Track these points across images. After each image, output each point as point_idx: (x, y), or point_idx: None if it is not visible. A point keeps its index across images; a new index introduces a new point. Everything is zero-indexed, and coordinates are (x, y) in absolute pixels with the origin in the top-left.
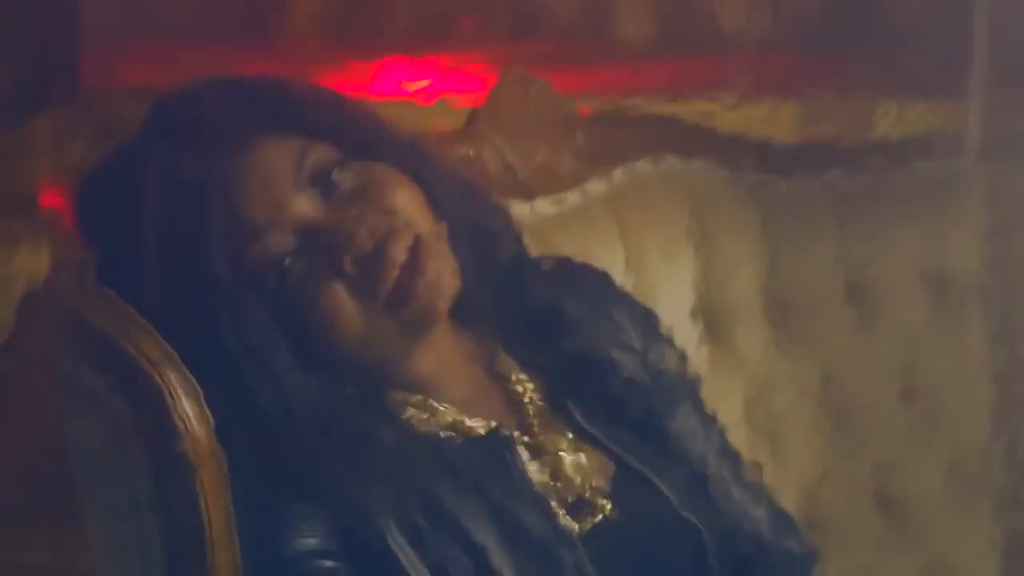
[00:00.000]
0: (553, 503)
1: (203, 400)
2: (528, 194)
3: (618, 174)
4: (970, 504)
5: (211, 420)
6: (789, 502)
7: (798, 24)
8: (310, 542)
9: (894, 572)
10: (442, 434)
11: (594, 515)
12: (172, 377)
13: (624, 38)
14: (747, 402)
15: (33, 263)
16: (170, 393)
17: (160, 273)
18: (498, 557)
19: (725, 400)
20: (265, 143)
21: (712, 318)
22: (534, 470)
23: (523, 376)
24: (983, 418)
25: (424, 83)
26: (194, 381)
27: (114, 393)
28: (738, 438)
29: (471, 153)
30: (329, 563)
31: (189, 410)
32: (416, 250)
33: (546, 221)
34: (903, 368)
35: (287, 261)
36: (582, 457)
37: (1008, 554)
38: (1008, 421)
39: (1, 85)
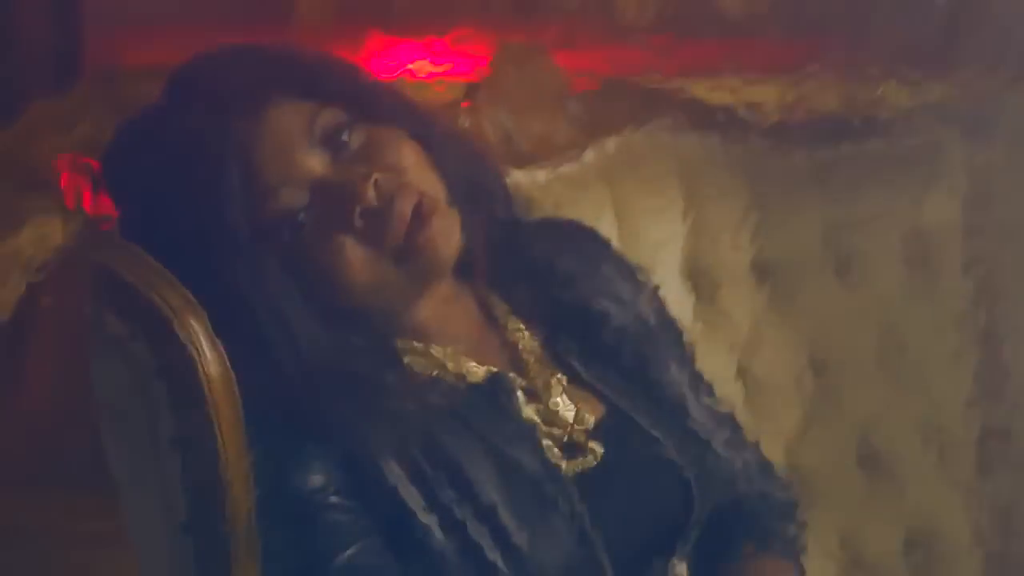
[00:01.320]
0: (547, 444)
1: (220, 344)
2: (525, 162)
3: (611, 143)
4: (950, 463)
5: (228, 362)
6: (773, 457)
7: (791, 6)
8: (318, 479)
9: (877, 527)
10: (443, 379)
11: (585, 456)
12: (191, 322)
13: (625, 21)
14: (733, 359)
15: (48, 235)
16: (189, 337)
17: (181, 228)
18: (495, 495)
19: (712, 356)
20: (279, 106)
21: (700, 279)
22: (530, 413)
23: (520, 325)
24: (962, 380)
25: (427, 64)
26: (211, 327)
27: (137, 337)
28: (724, 394)
29: (471, 122)
30: (336, 498)
31: (207, 352)
32: (421, 206)
33: (543, 187)
34: (884, 329)
35: (300, 216)
36: (575, 401)
37: (988, 514)
38: (987, 383)
39: (15, 64)
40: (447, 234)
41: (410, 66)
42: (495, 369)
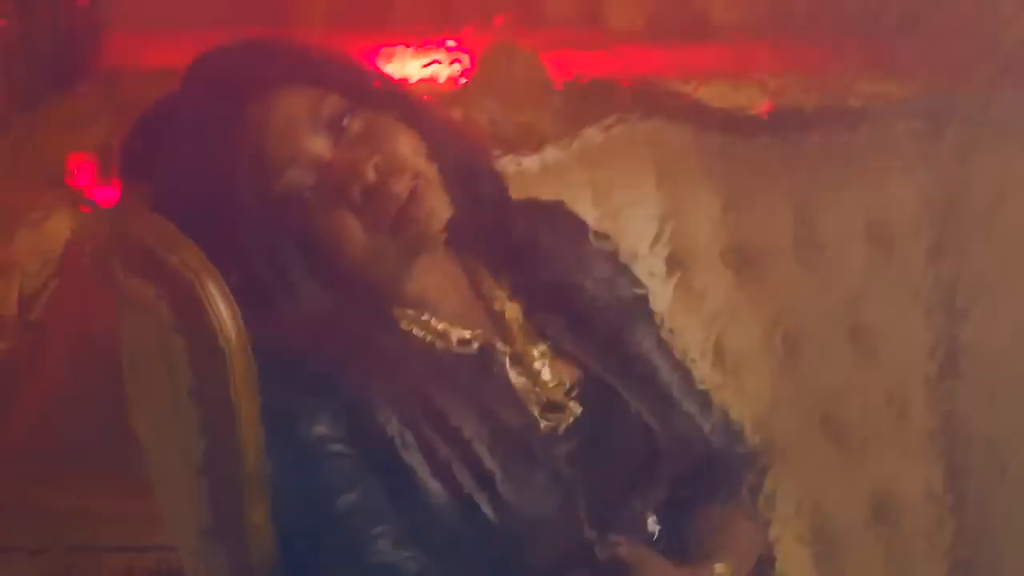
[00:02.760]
0: (530, 405)
1: (235, 304)
2: (511, 150)
3: (592, 133)
4: (911, 437)
5: (242, 321)
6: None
7: (771, 12)
8: (321, 429)
9: (841, 493)
10: (436, 344)
11: (564, 417)
12: (209, 284)
13: (615, 27)
14: (706, 335)
15: (62, 227)
16: (207, 297)
17: (200, 202)
18: (486, 453)
19: (686, 332)
20: (287, 94)
21: (675, 260)
22: (514, 376)
23: (505, 297)
24: (922, 356)
25: (422, 63)
26: (227, 288)
27: (160, 298)
28: (697, 366)
29: (461, 112)
30: (337, 447)
31: (224, 311)
32: (415, 186)
33: (528, 174)
34: (848, 308)
35: (305, 193)
36: (555, 366)
37: (947, 484)
38: (945, 363)
39: (28, 67)
40: (435, 210)
41: (406, 65)
42: (483, 337)
